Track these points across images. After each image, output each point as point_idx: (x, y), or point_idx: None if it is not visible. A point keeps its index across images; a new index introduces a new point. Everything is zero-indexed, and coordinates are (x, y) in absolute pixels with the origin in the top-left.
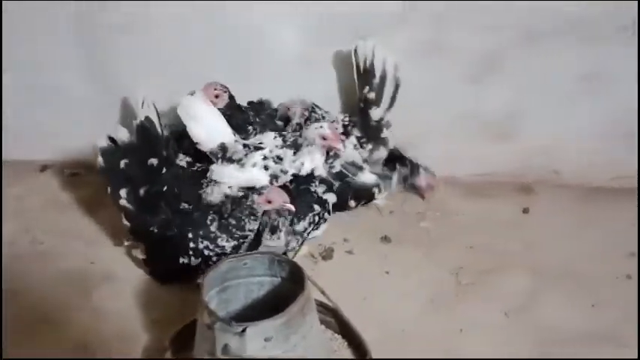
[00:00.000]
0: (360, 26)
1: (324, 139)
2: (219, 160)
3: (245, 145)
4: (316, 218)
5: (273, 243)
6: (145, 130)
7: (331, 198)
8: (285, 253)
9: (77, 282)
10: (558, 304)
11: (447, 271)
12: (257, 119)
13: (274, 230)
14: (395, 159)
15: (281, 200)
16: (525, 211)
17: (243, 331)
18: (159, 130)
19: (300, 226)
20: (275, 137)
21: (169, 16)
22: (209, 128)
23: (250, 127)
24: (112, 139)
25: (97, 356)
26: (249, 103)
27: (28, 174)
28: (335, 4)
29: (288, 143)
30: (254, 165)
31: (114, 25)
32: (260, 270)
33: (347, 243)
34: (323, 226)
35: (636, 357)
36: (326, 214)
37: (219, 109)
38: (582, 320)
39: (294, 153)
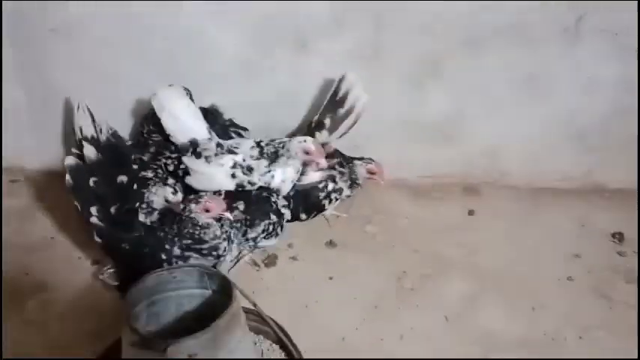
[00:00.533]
0: (298, 29)
1: (307, 153)
2: (189, 154)
3: (218, 145)
4: (270, 227)
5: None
6: (112, 146)
7: (287, 214)
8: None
9: (10, 293)
10: (499, 308)
11: (390, 276)
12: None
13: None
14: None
15: (219, 209)
16: (471, 213)
17: (165, 349)
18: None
19: (253, 233)
20: (252, 147)
21: (106, 19)
22: (183, 122)
23: None
24: (78, 156)
25: None
26: (200, 108)
27: None
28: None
29: (266, 153)
30: (221, 165)
31: (50, 28)
32: (190, 283)
33: (291, 249)
34: (274, 239)
35: (636, 357)
36: (279, 229)
37: None
38: (522, 324)
39: (269, 164)
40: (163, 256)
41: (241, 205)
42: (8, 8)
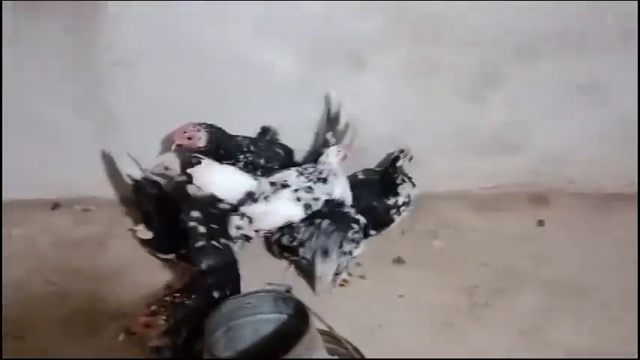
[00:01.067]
0: (352, 49)
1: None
2: (248, 204)
3: (272, 184)
4: (356, 236)
5: (327, 265)
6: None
7: (362, 218)
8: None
9: (87, 322)
10: (573, 321)
11: (462, 292)
12: (252, 147)
13: (326, 253)
14: None
15: None
16: (540, 223)
17: None
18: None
19: (347, 247)
20: (297, 176)
21: (161, 50)
22: (227, 187)
23: (242, 155)
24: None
25: None
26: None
27: (39, 213)
28: (325, 27)
29: (314, 180)
30: (281, 198)
31: (109, 61)
32: (265, 308)
33: (359, 267)
34: (362, 245)
35: (636, 357)
36: (361, 233)
37: (200, 147)
38: (597, 337)
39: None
40: None
41: (325, 223)
42: (70, 41)
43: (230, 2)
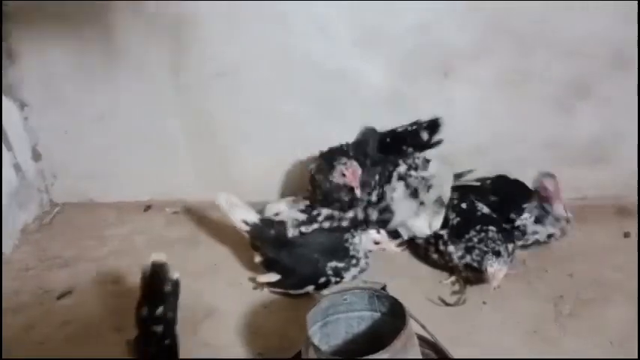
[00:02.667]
0: (443, 58)
1: None
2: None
3: None
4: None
5: (497, 265)
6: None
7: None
8: None
9: (183, 317)
10: None
11: (547, 301)
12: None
13: (498, 254)
14: None
15: None
16: (627, 235)
17: None
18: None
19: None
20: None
21: (260, 63)
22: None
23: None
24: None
25: None
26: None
27: (133, 214)
28: (417, 39)
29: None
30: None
31: (208, 74)
32: (360, 305)
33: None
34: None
35: (636, 357)
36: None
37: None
38: None
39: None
40: None
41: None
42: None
43: (330, 13)
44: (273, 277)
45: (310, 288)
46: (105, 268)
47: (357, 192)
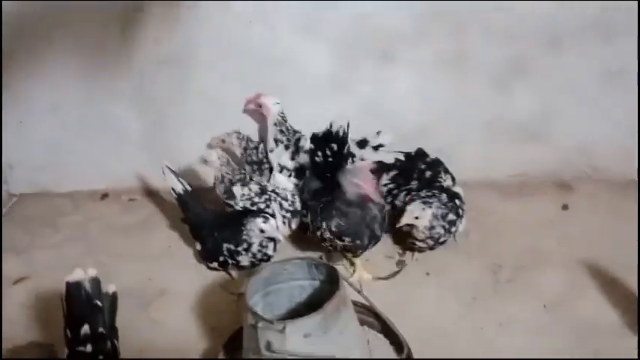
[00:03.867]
0: (382, 43)
1: None
2: None
3: None
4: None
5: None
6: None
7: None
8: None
9: (135, 298)
10: (596, 297)
11: (486, 270)
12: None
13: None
14: None
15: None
16: (565, 207)
17: (284, 328)
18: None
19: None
20: None
21: (205, 50)
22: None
23: None
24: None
25: None
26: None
27: (89, 202)
28: (357, 25)
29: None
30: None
31: (155, 60)
32: (300, 274)
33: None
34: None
35: (636, 357)
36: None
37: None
38: (619, 312)
39: None
40: None
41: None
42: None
43: (273, 2)
44: (198, 245)
45: (215, 264)
46: (59, 255)
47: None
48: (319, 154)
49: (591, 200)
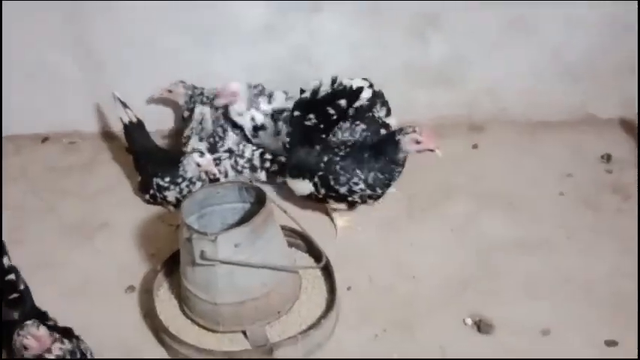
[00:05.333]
0: None
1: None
2: None
3: None
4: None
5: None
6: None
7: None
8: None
9: (79, 231)
10: (499, 220)
11: (402, 201)
12: None
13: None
14: None
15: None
16: (474, 147)
17: (216, 238)
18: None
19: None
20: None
21: None
22: None
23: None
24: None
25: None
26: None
27: (30, 146)
28: None
29: None
30: None
31: (92, 4)
32: (231, 197)
33: None
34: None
35: (636, 357)
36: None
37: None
38: (518, 232)
39: None
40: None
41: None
42: None
43: None
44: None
45: (147, 196)
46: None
47: None
48: (310, 117)
49: (498, 140)
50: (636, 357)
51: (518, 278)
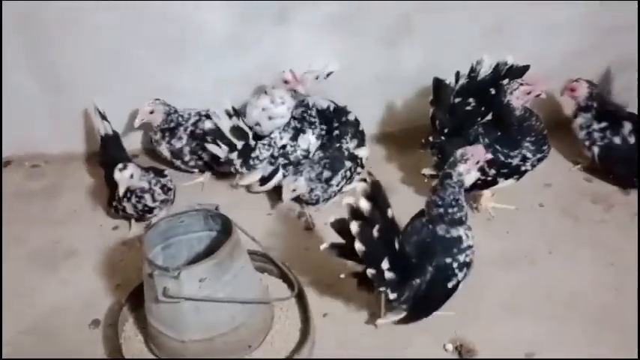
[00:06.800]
0: (278, 8)
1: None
2: None
3: None
4: (348, 173)
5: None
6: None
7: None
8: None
9: (44, 260)
10: (478, 236)
11: None
12: None
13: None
14: None
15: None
16: None
17: (179, 274)
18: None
19: (334, 180)
20: None
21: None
22: None
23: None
24: None
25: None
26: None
27: None
28: None
29: None
30: None
31: (52, 23)
32: (197, 226)
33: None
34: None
35: (636, 357)
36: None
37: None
38: (499, 245)
39: None
40: None
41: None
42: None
43: None
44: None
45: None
46: None
47: None
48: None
49: None
50: (636, 357)
51: (499, 296)
